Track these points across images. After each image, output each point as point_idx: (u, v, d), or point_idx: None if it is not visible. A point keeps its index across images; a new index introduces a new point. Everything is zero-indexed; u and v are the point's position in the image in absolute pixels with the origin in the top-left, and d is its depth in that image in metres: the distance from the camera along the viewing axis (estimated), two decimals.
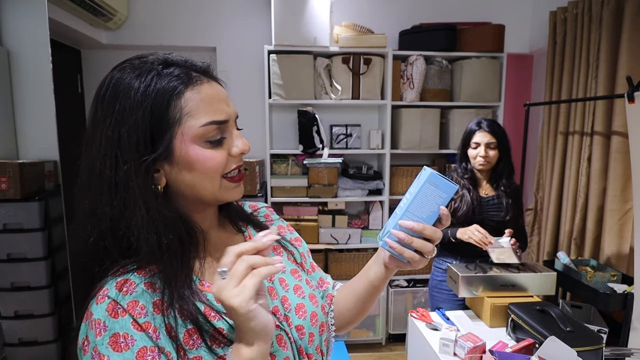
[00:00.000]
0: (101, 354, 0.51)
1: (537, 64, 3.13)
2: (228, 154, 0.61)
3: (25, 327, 1.94)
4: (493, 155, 1.85)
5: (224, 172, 0.61)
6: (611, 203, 2.17)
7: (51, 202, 1.99)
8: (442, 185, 0.61)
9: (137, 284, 0.55)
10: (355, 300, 0.78)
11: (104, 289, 0.54)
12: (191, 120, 0.57)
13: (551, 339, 1.23)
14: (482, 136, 1.85)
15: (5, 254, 1.88)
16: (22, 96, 2.07)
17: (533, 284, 1.66)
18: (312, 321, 0.69)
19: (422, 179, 0.61)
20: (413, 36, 2.81)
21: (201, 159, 0.58)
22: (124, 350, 0.51)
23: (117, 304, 0.53)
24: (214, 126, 0.58)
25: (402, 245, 0.63)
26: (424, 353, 1.53)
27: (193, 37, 2.88)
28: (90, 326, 0.53)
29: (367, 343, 2.98)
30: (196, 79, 0.58)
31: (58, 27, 2.40)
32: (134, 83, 0.55)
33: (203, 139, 0.58)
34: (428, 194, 0.61)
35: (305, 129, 2.75)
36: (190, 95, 0.57)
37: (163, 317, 0.54)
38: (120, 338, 0.51)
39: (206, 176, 0.59)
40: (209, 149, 0.58)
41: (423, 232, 0.62)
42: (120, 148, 0.55)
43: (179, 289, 0.55)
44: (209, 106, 0.58)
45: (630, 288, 1.88)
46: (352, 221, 2.94)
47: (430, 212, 0.62)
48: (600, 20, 2.23)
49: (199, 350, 0.55)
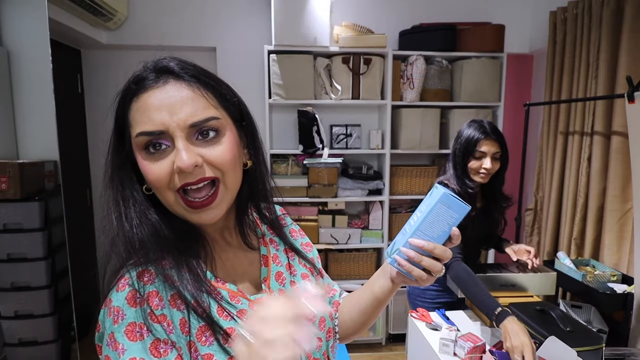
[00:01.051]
0: (117, 341, 0.51)
1: (537, 64, 3.13)
2: (172, 168, 0.55)
3: (25, 327, 1.94)
4: (495, 167, 1.64)
5: (176, 188, 0.56)
6: (611, 203, 2.17)
7: (51, 202, 1.99)
8: (455, 205, 0.60)
9: (157, 275, 0.56)
10: (359, 312, 0.77)
11: (125, 278, 0.55)
12: (132, 131, 0.57)
13: (551, 339, 1.23)
14: (490, 146, 1.60)
15: (5, 254, 1.88)
16: (22, 96, 2.07)
17: (533, 284, 1.66)
18: (321, 326, 0.70)
19: (435, 199, 0.60)
20: (413, 36, 2.81)
21: (145, 171, 0.57)
22: (139, 340, 0.51)
23: (137, 292, 0.54)
24: (144, 137, 0.55)
25: (411, 264, 0.62)
26: (424, 353, 1.53)
27: (193, 37, 2.89)
28: (109, 313, 0.53)
29: (367, 343, 2.98)
30: (148, 85, 0.56)
31: (58, 27, 2.40)
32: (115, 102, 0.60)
33: (142, 149, 0.56)
34: (440, 214, 0.60)
35: (305, 129, 2.75)
36: (134, 104, 0.57)
37: (179, 311, 0.55)
38: (137, 328, 0.52)
39: (155, 189, 0.58)
40: (150, 161, 0.56)
41: (433, 251, 0.61)
42: (109, 154, 0.60)
43: (193, 284, 0.56)
44: (142, 115, 0.56)
45: (630, 288, 1.88)
46: (352, 221, 2.94)
47: (441, 231, 0.61)
48: (600, 20, 2.23)
49: (211, 347, 0.55)
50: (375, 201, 2.91)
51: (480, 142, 1.60)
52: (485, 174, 1.62)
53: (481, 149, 1.60)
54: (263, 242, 0.72)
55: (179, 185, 0.55)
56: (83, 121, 3.10)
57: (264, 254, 0.70)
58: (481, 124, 1.63)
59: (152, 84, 0.56)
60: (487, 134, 1.60)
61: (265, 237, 0.73)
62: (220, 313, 0.57)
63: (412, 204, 3.14)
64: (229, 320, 0.58)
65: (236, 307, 0.60)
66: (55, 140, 2.10)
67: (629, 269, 2.05)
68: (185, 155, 0.54)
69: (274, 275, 0.69)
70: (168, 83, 0.56)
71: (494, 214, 1.75)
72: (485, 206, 1.75)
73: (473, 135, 1.61)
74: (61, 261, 2.06)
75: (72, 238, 2.20)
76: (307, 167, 2.78)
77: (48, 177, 2.07)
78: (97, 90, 3.10)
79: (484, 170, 1.61)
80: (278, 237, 0.74)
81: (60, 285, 2.04)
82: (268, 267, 0.69)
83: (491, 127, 1.63)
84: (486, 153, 1.60)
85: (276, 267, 0.70)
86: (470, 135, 1.61)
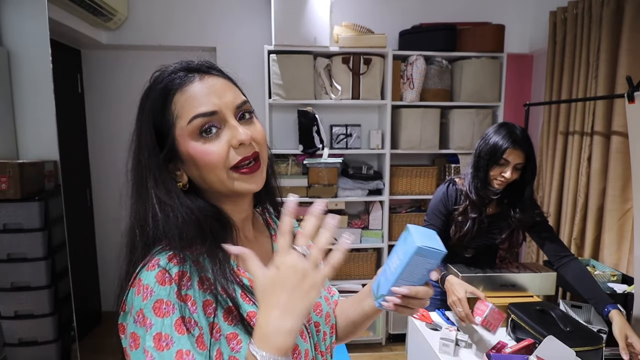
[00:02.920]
0: (145, 316, 0.54)
1: (537, 64, 3.13)
2: (230, 145, 0.61)
3: (25, 327, 1.95)
4: (514, 177, 1.52)
5: (230, 165, 0.61)
6: (611, 203, 2.17)
7: (51, 202, 1.99)
8: (431, 254, 0.62)
9: (186, 260, 0.59)
10: (347, 322, 0.80)
11: (155, 259, 0.58)
12: (180, 121, 0.61)
13: (549, 339, 1.23)
14: (515, 156, 1.49)
15: (5, 254, 1.88)
16: (22, 96, 2.07)
17: (533, 284, 1.66)
18: (326, 320, 0.73)
19: (410, 251, 0.62)
20: (413, 36, 2.81)
21: (199, 154, 0.60)
22: (165, 317, 0.54)
23: (167, 272, 0.56)
24: (200, 119, 0.60)
25: (398, 306, 0.67)
26: (424, 353, 1.53)
27: (193, 37, 2.89)
28: (138, 291, 0.56)
29: (367, 343, 2.98)
30: (187, 79, 0.61)
31: (58, 27, 2.41)
32: (144, 95, 0.64)
33: (196, 134, 0.60)
34: (417, 264, 0.63)
35: (305, 128, 2.75)
36: (178, 97, 0.61)
37: (204, 293, 0.58)
38: (164, 305, 0.54)
39: (209, 170, 0.61)
40: (205, 144, 0.60)
41: (416, 295, 0.65)
42: (139, 150, 0.62)
43: (221, 269, 0.59)
44: (193, 102, 0.60)
45: (630, 288, 1.88)
46: (352, 221, 2.94)
47: (420, 275, 0.64)
48: (600, 20, 2.23)
49: (236, 327, 0.58)
50: (375, 201, 2.91)
51: (508, 151, 1.48)
52: (503, 182, 1.53)
53: (506, 158, 1.49)
54: (275, 239, 0.76)
55: (235, 162, 0.61)
56: (83, 121, 3.10)
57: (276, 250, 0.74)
58: (512, 131, 1.50)
59: (191, 79, 0.61)
60: (516, 143, 1.48)
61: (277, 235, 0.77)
62: (244, 297, 0.61)
63: (412, 203, 3.14)
64: (251, 305, 0.61)
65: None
66: (55, 140, 2.10)
67: (629, 269, 2.05)
68: (242, 130, 0.61)
69: None
70: (204, 77, 0.62)
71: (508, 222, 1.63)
72: (500, 214, 1.65)
73: (502, 143, 1.49)
74: (61, 261, 2.06)
75: (72, 238, 2.20)
76: (307, 167, 2.78)
77: (48, 177, 2.07)
78: (97, 90, 3.10)
79: (502, 178, 1.52)
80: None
81: (60, 285, 2.04)
82: None
83: (522, 136, 1.50)
84: (510, 162, 1.50)
85: None
86: (499, 143, 1.49)
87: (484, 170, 1.54)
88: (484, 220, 1.62)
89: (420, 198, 3.03)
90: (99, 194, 3.22)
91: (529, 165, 1.52)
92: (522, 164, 1.51)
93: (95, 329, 3.07)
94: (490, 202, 1.62)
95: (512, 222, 1.62)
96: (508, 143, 1.48)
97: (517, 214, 1.59)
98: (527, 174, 1.54)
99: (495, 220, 1.66)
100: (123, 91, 3.08)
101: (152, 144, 0.61)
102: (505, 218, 1.64)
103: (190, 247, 0.60)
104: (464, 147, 2.86)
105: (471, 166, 1.61)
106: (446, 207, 1.64)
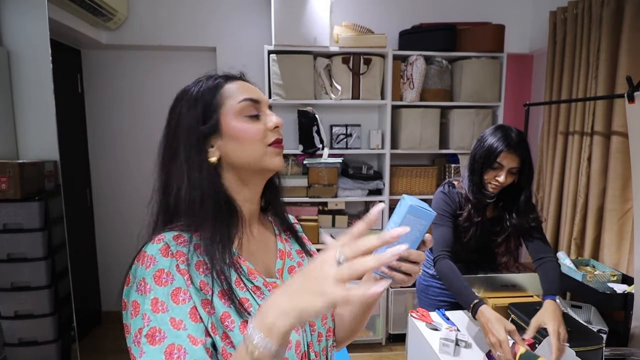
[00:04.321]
0: (147, 283, 0.60)
1: (537, 64, 3.13)
2: (265, 128, 0.72)
3: (25, 327, 1.94)
4: (509, 181, 1.51)
5: (268, 143, 0.71)
6: (611, 203, 2.17)
7: (51, 202, 1.99)
8: (422, 214, 0.67)
9: (189, 242, 0.65)
10: (350, 318, 0.84)
11: (160, 235, 0.65)
12: (231, 100, 0.71)
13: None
14: (510, 159, 1.46)
15: (5, 254, 1.88)
16: (22, 96, 2.07)
17: (533, 284, 1.66)
18: (322, 322, 0.75)
19: (403, 210, 0.68)
20: (413, 36, 2.81)
21: (242, 130, 0.70)
22: (163, 286, 0.59)
23: (169, 247, 0.63)
24: (249, 102, 0.71)
25: (392, 270, 0.69)
26: (424, 353, 1.53)
27: (193, 37, 2.89)
28: (142, 262, 0.62)
29: (367, 343, 2.98)
30: (233, 78, 0.75)
31: (58, 27, 2.41)
32: (192, 88, 0.73)
33: (242, 115, 0.71)
34: (410, 223, 0.67)
35: (305, 128, 2.75)
36: (229, 86, 0.73)
37: (201, 275, 0.62)
38: (164, 274, 0.60)
39: (249, 144, 0.70)
40: (248, 123, 0.71)
41: (409, 257, 0.67)
42: (180, 127, 0.70)
43: (221, 251, 0.64)
44: (243, 90, 0.73)
45: (630, 288, 1.88)
46: (352, 221, 2.94)
47: (414, 237, 0.68)
48: (600, 20, 2.23)
49: (229, 308, 0.62)
50: (375, 201, 2.91)
51: (502, 155, 1.46)
52: (497, 186, 1.51)
53: (500, 161, 1.47)
54: (280, 239, 0.81)
55: (273, 139, 0.72)
56: (83, 121, 3.10)
57: (281, 248, 0.80)
58: (507, 134, 1.47)
59: (237, 78, 0.75)
60: (510, 146, 1.45)
61: (282, 236, 0.83)
62: (238, 284, 0.65)
63: None
64: (245, 292, 0.65)
65: (252, 283, 0.68)
66: (55, 140, 2.10)
67: (629, 269, 2.05)
68: (275, 117, 0.74)
69: (287, 268, 0.77)
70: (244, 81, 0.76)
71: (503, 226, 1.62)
72: (497, 217, 1.64)
73: (496, 146, 1.46)
74: (61, 261, 2.06)
75: (72, 238, 2.20)
76: (307, 167, 2.78)
77: (48, 177, 2.07)
78: (97, 90, 3.10)
79: (496, 182, 1.50)
80: (293, 238, 0.84)
81: (60, 285, 2.04)
82: (283, 261, 0.78)
83: (517, 139, 1.46)
84: (504, 166, 1.47)
85: (290, 262, 0.79)
86: (494, 146, 1.47)
87: (478, 173, 1.52)
88: (485, 222, 1.61)
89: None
90: (99, 194, 3.22)
91: (524, 170, 1.49)
92: (517, 168, 1.48)
93: (95, 329, 3.07)
94: (488, 205, 1.60)
95: (507, 227, 1.60)
96: (502, 146, 1.45)
97: (512, 219, 1.57)
98: (523, 178, 1.51)
99: (493, 224, 1.65)
100: (123, 91, 3.08)
101: (196, 116, 0.69)
102: (501, 222, 1.62)
103: (197, 230, 0.65)
104: (464, 147, 2.86)
105: (467, 169, 1.59)
106: (452, 207, 1.62)
